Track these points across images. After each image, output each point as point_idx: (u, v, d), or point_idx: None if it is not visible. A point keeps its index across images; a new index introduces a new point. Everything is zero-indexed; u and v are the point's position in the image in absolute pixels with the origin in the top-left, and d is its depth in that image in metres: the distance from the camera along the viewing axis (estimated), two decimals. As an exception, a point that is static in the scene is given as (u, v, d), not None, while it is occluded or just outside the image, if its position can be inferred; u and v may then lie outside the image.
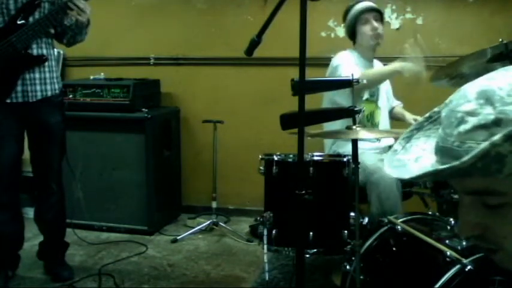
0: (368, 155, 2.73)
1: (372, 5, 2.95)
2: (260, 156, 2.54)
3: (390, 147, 2.97)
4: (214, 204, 3.81)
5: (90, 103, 3.74)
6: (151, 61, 4.19)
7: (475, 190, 0.71)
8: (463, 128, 0.68)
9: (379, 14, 2.95)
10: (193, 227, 3.74)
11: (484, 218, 0.72)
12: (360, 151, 2.16)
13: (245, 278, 3.03)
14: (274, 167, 2.43)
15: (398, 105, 3.24)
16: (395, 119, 3.18)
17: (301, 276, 1.84)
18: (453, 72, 2.48)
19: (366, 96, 2.94)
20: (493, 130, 0.65)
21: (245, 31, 2.02)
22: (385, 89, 3.08)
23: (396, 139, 2.89)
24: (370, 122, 2.96)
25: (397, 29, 3.78)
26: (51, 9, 2.67)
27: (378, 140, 2.93)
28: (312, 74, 1.91)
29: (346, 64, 2.80)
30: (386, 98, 3.10)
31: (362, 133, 2.12)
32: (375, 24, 2.91)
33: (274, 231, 2.41)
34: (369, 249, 2.14)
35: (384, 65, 2.97)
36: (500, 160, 0.63)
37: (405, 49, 2.64)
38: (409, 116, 3.07)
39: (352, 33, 2.98)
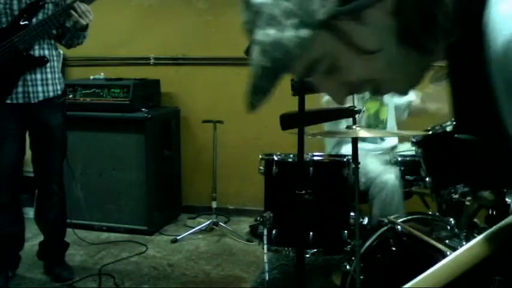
0: (371, 159, 2.71)
1: None
2: (260, 156, 2.55)
3: (394, 148, 2.97)
4: (214, 204, 3.81)
5: (90, 103, 3.74)
6: (151, 61, 4.19)
7: None
8: None
9: None
10: (193, 227, 3.74)
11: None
12: (363, 153, 2.16)
13: (245, 278, 3.03)
14: (274, 167, 2.44)
15: (414, 100, 3.04)
16: (416, 116, 3.03)
17: (301, 276, 1.85)
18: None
19: (368, 95, 2.92)
20: None
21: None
22: None
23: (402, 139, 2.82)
24: (376, 121, 2.92)
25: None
26: (54, 10, 2.67)
27: (382, 139, 2.91)
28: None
29: None
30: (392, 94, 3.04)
31: (361, 133, 2.12)
32: None
33: (274, 231, 2.42)
34: (369, 249, 2.15)
35: None
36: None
37: None
38: (432, 106, 2.89)
39: None
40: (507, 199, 1.78)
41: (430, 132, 2.42)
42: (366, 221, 2.45)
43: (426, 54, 0.67)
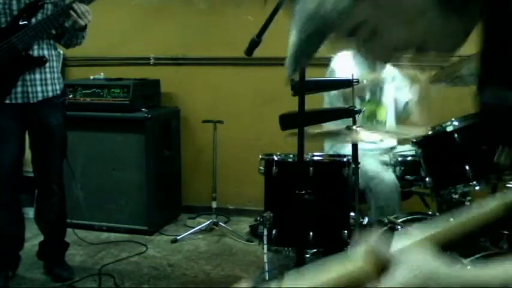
0: (368, 158, 2.71)
1: None
2: (260, 156, 2.54)
3: (392, 148, 2.97)
4: (214, 204, 3.81)
5: (90, 103, 3.74)
6: (151, 61, 4.19)
7: None
8: None
9: None
10: (193, 227, 3.74)
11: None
12: (361, 152, 2.16)
13: (245, 278, 3.03)
14: (274, 167, 2.44)
15: (412, 99, 3.01)
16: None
17: (301, 276, 1.84)
18: (452, 74, 2.48)
19: (367, 97, 2.91)
20: None
21: (245, 31, 2.02)
22: (392, 85, 2.98)
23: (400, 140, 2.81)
24: (371, 122, 2.92)
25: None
26: (53, 10, 2.67)
27: (381, 139, 2.91)
28: (312, 74, 1.91)
29: (342, 70, 2.74)
30: (395, 93, 3.02)
31: (363, 133, 2.12)
32: None
33: (274, 231, 2.41)
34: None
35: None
36: None
37: None
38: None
39: None
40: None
41: (430, 132, 2.42)
42: (366, 221, 2.45)
43: (467, 17, 0.67)
